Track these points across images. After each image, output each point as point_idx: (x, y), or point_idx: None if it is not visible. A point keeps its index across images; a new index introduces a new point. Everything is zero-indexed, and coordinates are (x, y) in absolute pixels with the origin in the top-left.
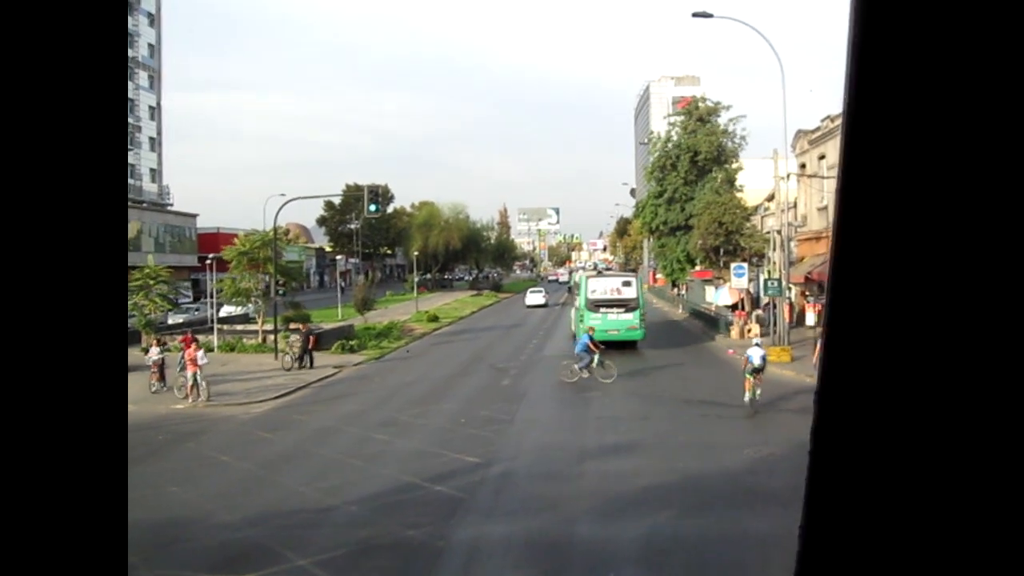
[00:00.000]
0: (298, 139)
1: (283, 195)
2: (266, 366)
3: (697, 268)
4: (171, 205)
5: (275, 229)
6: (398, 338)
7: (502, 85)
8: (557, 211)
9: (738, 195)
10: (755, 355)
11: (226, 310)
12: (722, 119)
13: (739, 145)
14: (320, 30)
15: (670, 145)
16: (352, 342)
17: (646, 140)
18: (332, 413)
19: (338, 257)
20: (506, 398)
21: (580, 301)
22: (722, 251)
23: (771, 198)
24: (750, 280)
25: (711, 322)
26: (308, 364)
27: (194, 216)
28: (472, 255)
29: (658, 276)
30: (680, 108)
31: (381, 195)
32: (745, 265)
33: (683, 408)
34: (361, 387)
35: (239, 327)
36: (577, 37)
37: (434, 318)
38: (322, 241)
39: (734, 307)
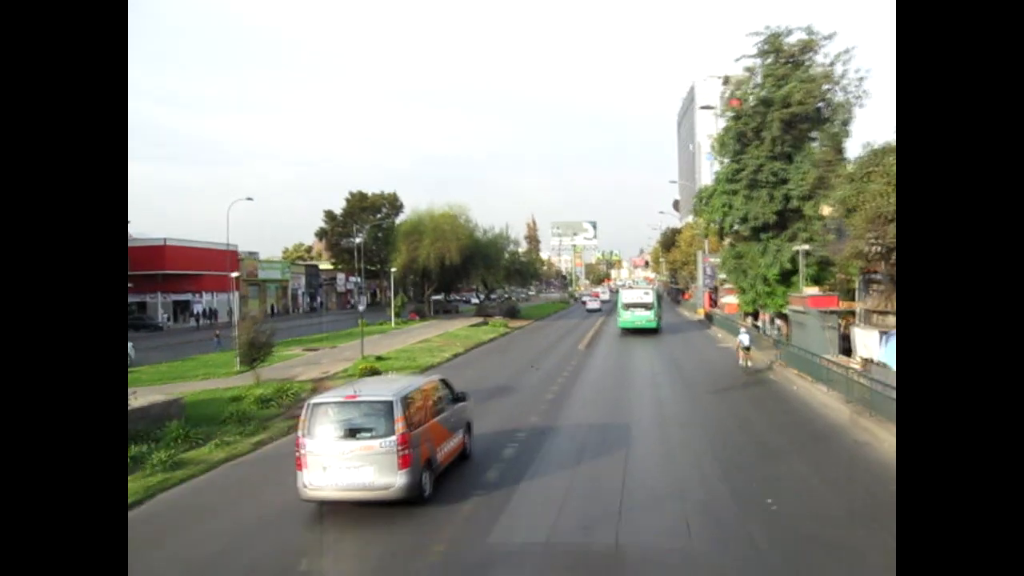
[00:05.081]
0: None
1: (249, 199)
2: None
3: (809, 291)
4: None
5: None
6: (263, 424)
7: (534, 99)
8: (594, 225)
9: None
10: (744, 339)
11: None
12: (819, 59)
13: (855, 97)
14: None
15: (752, 100)
16: (142, 446)
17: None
18: None
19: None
20: None
21: (618, 305)
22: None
23: None
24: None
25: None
26: None
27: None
28: (478, 271)
29: (720, 300)
30: (732, 106)
31: None
32: None
33: None
34: None
35: None
36: (613, 47)
37: (373, 372)
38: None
39: None
